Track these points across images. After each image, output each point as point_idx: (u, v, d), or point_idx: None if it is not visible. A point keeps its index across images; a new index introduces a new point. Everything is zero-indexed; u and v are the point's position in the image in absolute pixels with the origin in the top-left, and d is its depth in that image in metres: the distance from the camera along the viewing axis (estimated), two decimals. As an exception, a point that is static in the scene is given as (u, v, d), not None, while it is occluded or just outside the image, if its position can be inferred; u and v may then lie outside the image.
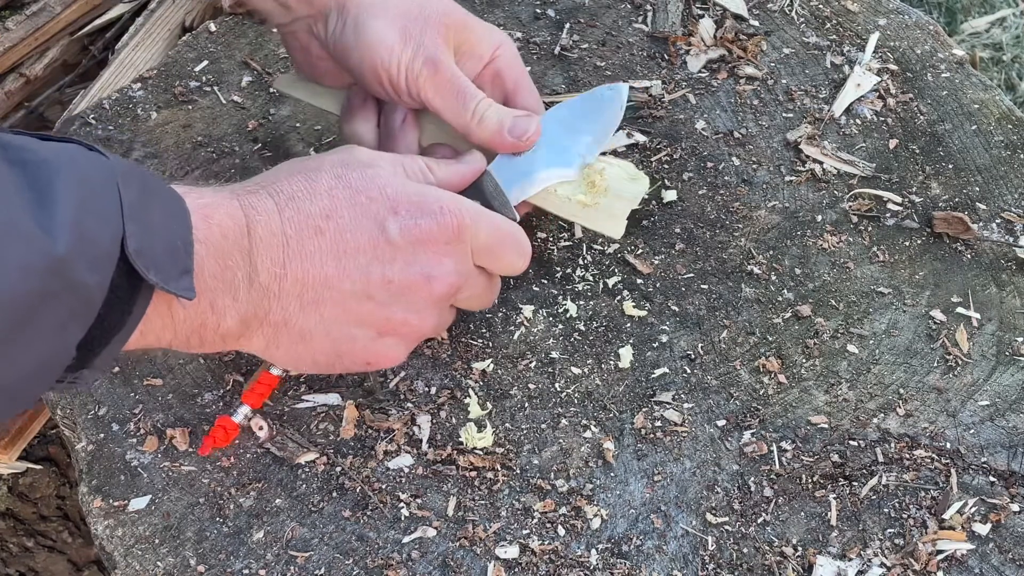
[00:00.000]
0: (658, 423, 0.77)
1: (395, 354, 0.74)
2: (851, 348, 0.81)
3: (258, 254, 0.66)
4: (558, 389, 0.79)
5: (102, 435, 0.77)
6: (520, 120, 0.79)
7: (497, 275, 0.77)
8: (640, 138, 0.93)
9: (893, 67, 0.98)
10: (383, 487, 0.75)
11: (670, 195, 0.89)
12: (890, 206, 0.89)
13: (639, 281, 0.85)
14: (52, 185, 0.53)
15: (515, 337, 0.81)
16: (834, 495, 0.74)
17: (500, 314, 0.83)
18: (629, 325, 0.82)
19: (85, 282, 0.54)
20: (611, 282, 0.84)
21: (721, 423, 0.78)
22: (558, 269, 0.85)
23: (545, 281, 0.85)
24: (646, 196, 0.85)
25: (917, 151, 0.93)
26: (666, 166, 0.91)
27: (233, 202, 0.66)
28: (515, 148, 0.79)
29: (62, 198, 0.53)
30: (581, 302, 0.83)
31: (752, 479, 0.75)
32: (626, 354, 0.81)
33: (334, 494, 0.75)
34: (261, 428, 0.76)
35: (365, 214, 0.69)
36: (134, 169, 0.59)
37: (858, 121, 0.95)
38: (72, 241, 0.52)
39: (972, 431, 0.77)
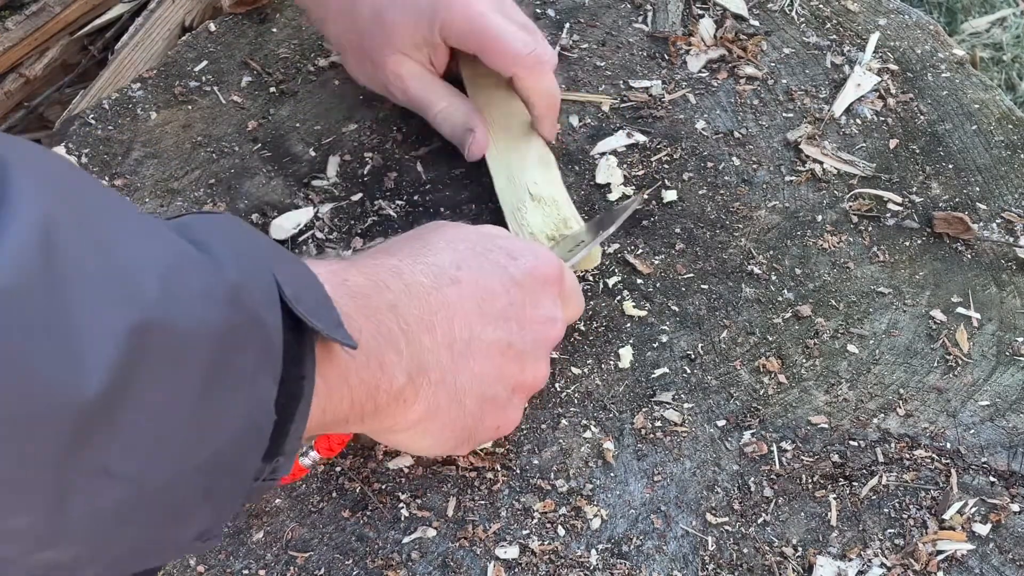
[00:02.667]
0: (658, 423, 0.77)
1: (517, 416, 0.72)
2: (851, 348, 0.81)
3: (404, 306, 0.62)
4: (558, 389, 0.79)
5: (102, 435, 0.77)
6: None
7: None
8: (640, 138, 0.93)
9: (893, 67, 0.98)
10: (383, 487, 0.75)
11: (670, 195, 0.89)
12: (890, 206, 0.89)
13: (639, 281, 0.85)
14: (196, 231, 0.48)
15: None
16: (834, 495, 0.74)
17: (500, 314, 0.83)
18: (629, 325, 0.82)
19: (264, 319, 0.47)
20: (611, 282, 0.84)
21: (721, 423, 0.78)
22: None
23: (545, 281, 0.85)
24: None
25: (917, 151, 0.93)
26: (666, 166, 0.91)
27: (353, 266, 0.62)
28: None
29: (211, 239, 0.48)
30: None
31: (752, 479, 0.75)
32: (626, 354, 0.81)
33: (334, 494, 0.75)
34: None
35: (489, 261, 0.68)
36: (248, 224, 0.54)
37: (858, 121, 0.95)
38: (238, 271, 0.47)
39: (972, 431, 0.77)
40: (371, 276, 0.62)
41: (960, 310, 0.84)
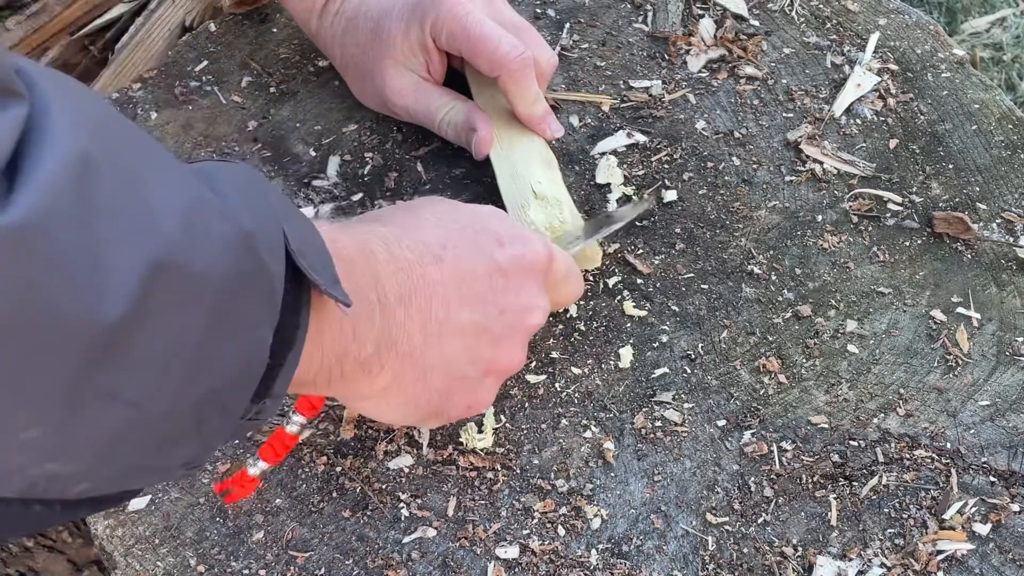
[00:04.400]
0: (658, 423, 0.77)
1: (490, 397, 0.72)
2: (851, 348, 0.81)
3: (385, 278, 0.63)
4: (558, 389, 0.79)
5: (102, 435, 0.77)
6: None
7: None
8: (640, 138, 0.93)
9: (893, 67, 0.98)
10: (383, 487, 0.75)
11: (670, 195, 0.89)
12: (890, 206, 0.89)
13: (639, 281, 0.85)
14: (215, 178, 0.50)
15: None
16: (834, 495, 0.74)
17: (500, 314, 0.83)
18: (629, 325, 0.82)
19: (270, 268, 0.50)
20: (611, 282, 0.84)
21: (721, 423, 0.78)
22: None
23: (545, 281, 0.85)
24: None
25: (917, 151, 0.93)
26: (666, 166, 0.91)
27: (345, 231, 0.63)
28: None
29: (226, 187, 0.50)
30: (581, 302, 0.83)
31: (752, 479, 0.75)
32: (626, 354, 0.81)
33: (334, 494, 0.75)
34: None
35: (476, 244, 0.68)
36: (262, 175, 0.56)
37: (858, 121, 0.95)
38: (252, 221, 0.49)
39: (972, 431, 0.77)
40: (360, 243, 0.63)
41: (960, 310, 0.84)
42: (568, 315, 0.83)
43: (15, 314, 0.39)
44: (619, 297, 0.84)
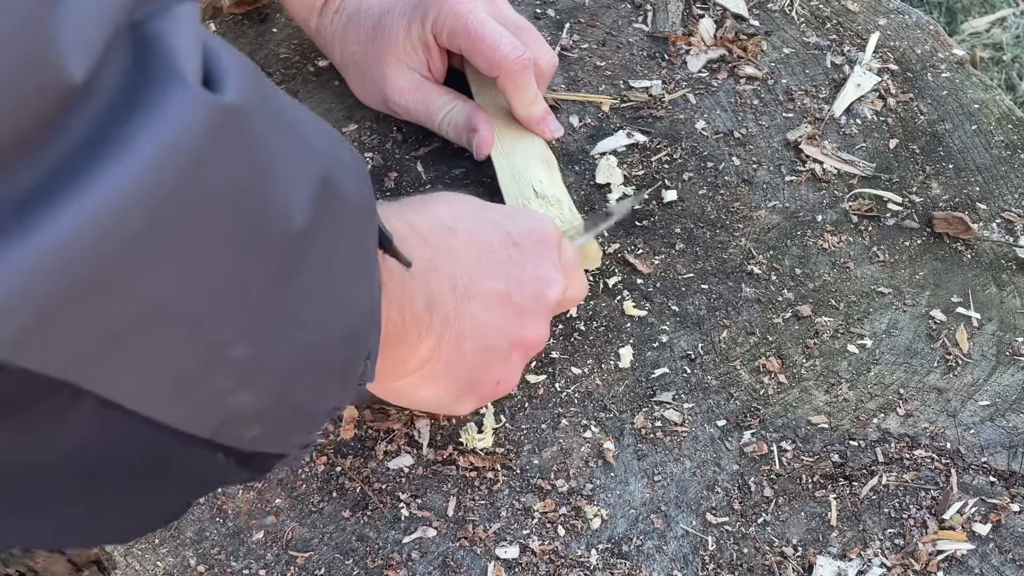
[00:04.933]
0: (658, 423, 0.77)
1: (517, 374, 0.72)
2: (851, 348, 0.81)
3: (411, 244, 0.61)
4: (558, 389, 0.79)
5: (102, 435, 0.77)
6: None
7: None
8: (640, 138, 0.93)
9: (893, 67, 0.98)
10: (383, 487, 0.75)
11: (670, 195, 0.89)
12: (890, 206, 0.89)
13: (639, 281, 0.85)
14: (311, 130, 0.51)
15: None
16: (834, 495, 0.74)
17: (500, 314, 0.83)
18: (629, 325, 0.82)
19: (375, 209, 0.50)
20: (611, 282, 0.84)
21: (721, 423, 0.78)
22: (558, 269, 0.85)
23: (545, 281, 0.85)
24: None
25: (917, 151, 0.93)
26: (666, 166, 0.91)
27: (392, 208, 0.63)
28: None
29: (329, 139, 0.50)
30: (581, 302, 0.83)
31: (752, 479, 0.75)
32: (626, 354, 0.81)
33: (334, 494, 0.75)
34: None
35: (487, 219, 0.69)
36: None
37: (858, 121, 0.95)
38: (352, 155, 0.50)
39: (972, 431, 0.77)
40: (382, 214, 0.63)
41: (960, 310, 0.84)
42: (568, 315, 0.83)
43: (238, 198, 0.39)
44: (619, 297, 0.84)
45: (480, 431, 0.76)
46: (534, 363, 0.80)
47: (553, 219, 0.77)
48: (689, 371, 0.80)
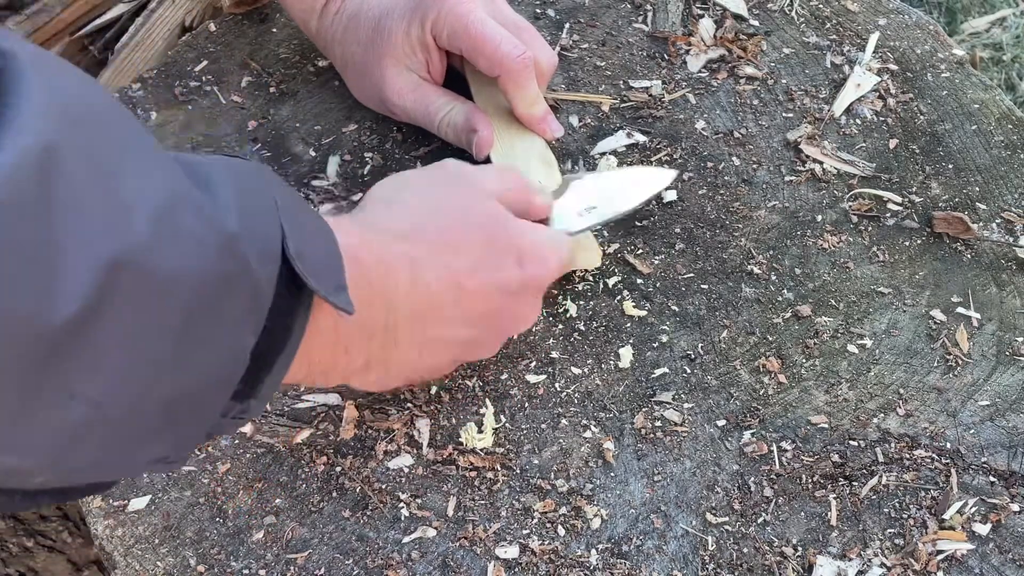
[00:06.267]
0: (658, 423, 0.77)
1: (442, 366, 0.74)
2: (851, 348, 0.81)
3: (399, 303, 0.64)
4: (558, 389, 0.79)
5: (102, 435, 0.77)
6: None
7: None
8: (640, 138, 0.93)
9: (893, 67, 0.98)
10: (383, 487, 0.75)
11: (670, 195, 0.89)
12: (890, 206, 0.89)
13: (639, 281, 0.85)
14: (210, 175, 0.48)
15: (515, 337, 0.81)
16: (834, 495, 0.74)
17: (500, 314, 0.83)
18: (629, 325, 0.82)
19: (256, 272, 0.48)
20: (611, 282, 0.84)
21: (721, 423, 0.78)
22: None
23: (545, 281, 0.85)
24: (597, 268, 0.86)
25: (917, 151, 0.93)
26: (666, 166, 0.91)
27: (368, 243, 0.63)
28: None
29: (220, 185, 0.48)
30: (581, 302, 0.83)
31: (752, 479, 0.75)
32: (626, 354, 0.81)
33: (334, 494, 0.75)
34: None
35: (498, 266, 0.70)
36: (274, 175, 0.55)
37: (858, 121, 0.95)
38: (239, 221, 0.47)
39: (972, 431, 0.77)
40: (384, 263, 0.63)
41: (960, 310, 0.84)
42: (568, 315, 0.83)
43: None
44: (619, 297, 0.84)
45: (480, 431, 0.76)
46: (534, 363, 0.80)
47: (561, 234, 0.78)
48: (689, 371, 0.80)
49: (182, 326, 0.45)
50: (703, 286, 0.85)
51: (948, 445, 0.77)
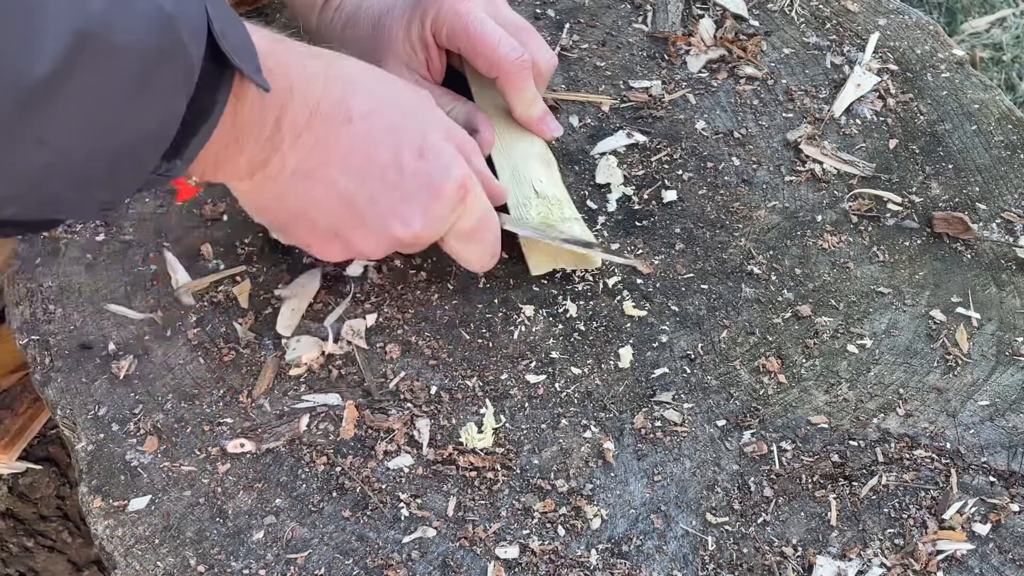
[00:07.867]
0: (658, 423, 0.77)
1: (329, 254, 0.77)
2: (851, 348, 0.81)
3: (288, 112, 0.68)
4: (558, 389, 0.79)
5: (102, 435, 0.77)
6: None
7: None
8: (640, 138, 0.93)
9: (893, 67, 0.98)
10: (383, 487, 0.75)
11: (670, 195, 0.89)
12: (890, 206, 0.89)
13: (639, 281, 0.85)
14: None
15: (515, 337, 0.81)
16: (834, 495, 0.74)
17: (500, 314, 0.83)
18: (629, 325, 0.82)
19: (189, 48, 0.56)
20: (611, 282, 0.84)
21: (721, 423, 0.78)
22: (558, 269, 0.85)
23: (545, 281, 0.85)
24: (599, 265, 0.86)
25: (917, 151, 0.93)
26: (666, 166, 0.92)
27: (285, 50, 0.68)
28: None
29: None
30: (581, 302, 0.83)
31: (752, 479, 0.75)
32: (626, 354, 0.81)
33: (334, 494, 0.75)
34: (243, 446, 0.76)
35: (395, 131, 0.72)
36: None
37: (858, 121, 0.95)
38: (174, 3, 0.55)
39: (972, 431, 0.77)
40: (290, 65, 0.68)
41: (960, 310, 0.84)
42: (568, 315, 0.83)
43: None
44: (619, 297, 0.84)
45: (480, 431, 0.77)
46: (534, 363, 0.80)
47: (476, 183, 0.77)
48: (689, 371, 0.80)
49: (130, 90, 0.54)
50: (703, 286, 0.85)
51: (948, 445, 0.77)
